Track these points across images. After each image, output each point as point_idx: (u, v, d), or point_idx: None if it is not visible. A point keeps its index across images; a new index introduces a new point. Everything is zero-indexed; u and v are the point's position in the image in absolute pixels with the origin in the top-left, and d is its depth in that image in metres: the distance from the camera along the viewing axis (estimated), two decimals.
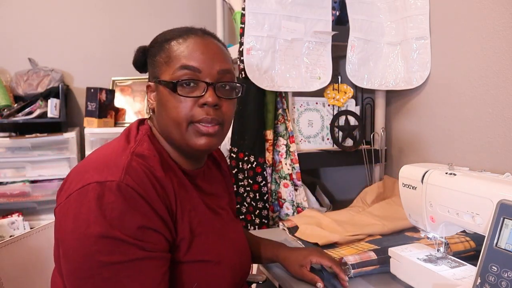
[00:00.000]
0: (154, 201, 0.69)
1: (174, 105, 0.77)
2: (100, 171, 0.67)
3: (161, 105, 0.79)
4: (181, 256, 0.74)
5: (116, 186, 0.65)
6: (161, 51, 0.80)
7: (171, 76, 0.77)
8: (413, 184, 0.89)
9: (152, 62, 0.82)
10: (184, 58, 0.77)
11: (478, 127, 1.26)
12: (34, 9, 2.23)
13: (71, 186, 0.68)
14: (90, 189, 0.65)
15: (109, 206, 0.64)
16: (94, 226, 0.63)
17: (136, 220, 0.66)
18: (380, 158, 1.60)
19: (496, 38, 1.18)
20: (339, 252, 1.07)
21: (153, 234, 0.68)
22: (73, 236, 0.64)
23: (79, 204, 0.65)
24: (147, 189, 0.68)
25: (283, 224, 1.31)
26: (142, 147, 0.75)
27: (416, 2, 1.44)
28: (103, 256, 0.64)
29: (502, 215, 0.66)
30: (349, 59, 1.49)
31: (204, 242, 0.77)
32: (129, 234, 0.65)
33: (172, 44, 0.79)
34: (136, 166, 0.69)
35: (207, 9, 2.33)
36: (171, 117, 0.77)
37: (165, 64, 0.79)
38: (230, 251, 0.84)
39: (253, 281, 1.12)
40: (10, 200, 1.96)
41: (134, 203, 0.66)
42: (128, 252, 0.65)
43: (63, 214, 0.67)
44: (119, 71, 2.28)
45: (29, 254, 0.98)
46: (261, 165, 1.40)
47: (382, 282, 0.92)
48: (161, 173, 0.72)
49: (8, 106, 1.99)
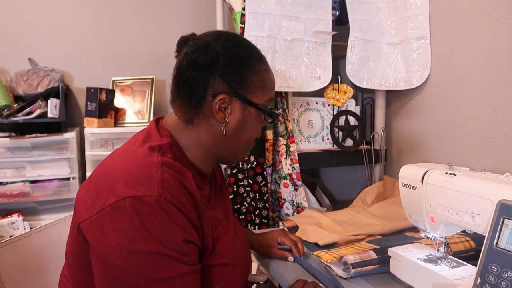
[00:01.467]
0: (189, 212, 0.69)
1: (256, 126, 0.83)
2: (132, 185, 0.65)
3: (244, 124, 0.80)
4: (205, 261, 0.75)
5: (155, 201, 0.64)
6: (252, 72, 0.80)
7: (262, 102, 0.81)
8: (413, 184, 0.89)
9: (236, 76, 0.78)
10: (272, 90, 0.85)
11: (478, 127, 1.26)
12: (34, 9, 2.23)
13: (101, 200, 0.66)
14: (128, 204, 0.63)
15: (152, 222, 0.63)
16: (139, 243, 0.63)
17: (179, 234, 0.66)
18: (380, 158, 1.60)
19: (496, 38, 1.18)
20: (339, 252, 1.07)
21: (192, 247, 0.69)
22: (116, 253, 0.63)
23: (118, 219, 0.63)
24: (182, 201, 0.68)
25: (283, 224, 1.31)
26: (167, 156, 0.74)
27: (416, 2, 1.44)
28: (150, 273, 0.63)
29: (502, 215, 0.66)
30: (349, 59, 1.49)
31: (222, 246, 0.78)
32: (173, 249, 0.65)
33: (263, 70, 0.82)
34: (169, 179, 0.68)
35: (207, 9, 2.33)
36: (250, 136, 0.83)
37: (260, 88, 0.80)
38: (242, 249, 0.86)
39: (253, 281, 1.12)
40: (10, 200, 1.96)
41: (174, 217, 0.66)
42: (173, 268, 0.65)
43: (99, 230, 0.65)
44: (119, 71, 2.27)
45: (29, 254, 0.98)
46: (261, 165, 1.40)
47: (382, 282, 0.92)
48: (189, 182, 0.72)
49: (8, 106, 1.99)
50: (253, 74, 0.79)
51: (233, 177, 1.39)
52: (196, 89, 0.77)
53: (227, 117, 0.78)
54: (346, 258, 0.94)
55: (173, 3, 2.40)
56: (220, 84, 0.77)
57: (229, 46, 0.79)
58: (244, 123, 0.80)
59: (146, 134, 0.79)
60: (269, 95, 0.83)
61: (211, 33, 0.82)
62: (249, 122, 0.81)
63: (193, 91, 0.78)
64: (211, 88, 0.77)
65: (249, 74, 0.79)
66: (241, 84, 0.78)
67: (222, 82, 0.77)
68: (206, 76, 0.77)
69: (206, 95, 0.77)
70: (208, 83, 0.77)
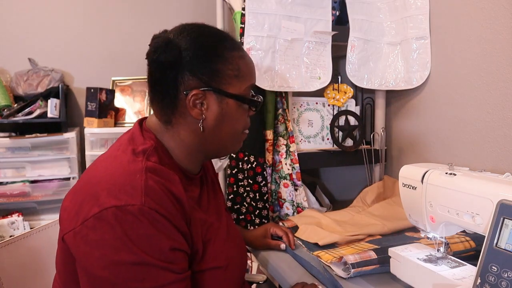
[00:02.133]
0: (176, 219, 0.67)
1: (239, 117, 0.79)
2: (115, 194, 0.63)
3: (224, 117, 0.77)
4: (196, 266, 0.73)
5: (138, 210, 0.62)
6: (224, 61, 0.76)
7: (241, 92, 0.78)
8: (413, 184, 0.89)
9: (206, 69, 0.75)
10: (251, 77, 0.81)
11: (478, 127, 1.26)
12: (34, 9, 2.23)
13: (84, 210, 0.64)
14: (110, 214, 0.62)
15: (135, 232, 0.62)
16: (123, 253, 0.61)
17: (165, 243, 0.64)
18: (380, 158, 1.60)
19: (496, 38, 1.18)
20: (339, 252, 1.07)
21: (180, 254, 0.68)
22: (100, 264, 0.62)
23: (102, 230, 0.62)
24: (168, 208, 0.66)
25: (283, 224, 1.31)
26: (152, 160, 0.71)
27: (416, 2, 1.44)
28: (135, 283, 0.62)
29: (502, 215, 0.66)
30: (349, 59, 1.49)
31: (213, 249, 0.77)
32: (159, 258, 0.63)
33: (236, 57, 0.78)
34: (154, 185, 0.66)
35: (207, 9, 2.33)
36: (234, 128, 0.80)
37: (235, 78, 0.77)
38: (235, 250, 0.84)
39: (253, 281, 1.12)
40: (10, 200, 1.96)
41: (159, 225, 0.64)
42: (159, 277, 0.64)
43: (83, 241, 0.63)
44: (119, 71, 2.28)
45: (29, 254, 0.98)
46: (261, 165, 1.40)
47: (382, 282, 0.91)
48: (175, 186, 0.70)
49: (8, 106, 1.99)
50: (225, 63, 0.75)
51: (233, 177, 1.39)
52: (167, 88, 0.75)
53: (204, 112, 0.75)
54: (346, 258, 0.94)
55: (173, 3, 2.41)
56: (190, 79, 0.74)
57: (194, 38, 0.75)
58: (224, 116, 0.77)
59: (130, 136, 0.77)
60: (247, 82, 0.79)
61: (175, 28, 0.78)
62: (229, 114, 0.77)
63: (165, 91, 0.75)
64: (182, 86, 0.74)
65: (220, 64, 0.75)
66: (212, 76, 0.75)
67: (192, 77, 0.74)
68: (174, 74, 0.74)
69: (179, 93, 0.75)
70: (178, 80, 0.74)
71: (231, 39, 0.80)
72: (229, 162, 1.41)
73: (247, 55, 0.82)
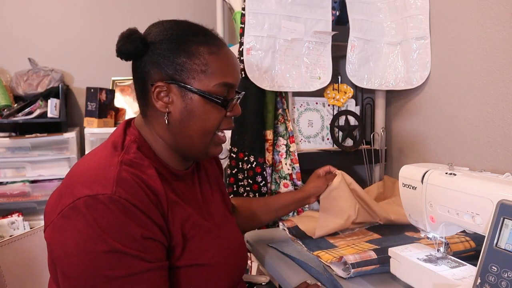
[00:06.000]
0: (149, 209, 0.67)
1: (207, 115, 0.76)
2: (89, 185, 0.65)
3: (189, 112, 0.75)
4: (175, 261, 0.73)
5: (108, 199, 0.63)
6: (190, 55, 0.74)
7: (209, 88, 0.75)
8: (413, 184, 0.89)
9: (170, 61, 0.74)
10: (223, 75, 0.76)
11: (478, 127, 1.26)
12: (34, 9, 2.23)
13: (61, 203, 0.66)
14: (82, 204, 0.63)
15: (106, 220, 0.62)
16: (95, 241, 0.62)
17: (136, 231, 0.65)
18: (380, 158, 1.60)
19: (496, 38, 1.18)
20: (339, 252, 1.07)
21: (153, 244, 0.68)
22: (72, 253, 0.63)
23: (74, 220, 0.63)
24: (140, 198, 0.66)
25: (283, 224, 1.31)
26: (130, 154, 0.73)
27: (416, 2, 1.44)
28: (107, 271, 0.62)
29: (502, 215, 0.66)
30: (349, 59, 1.49)
31: (197, 246, 0.76)
32: (130, 246, 0.64)
33: (206, 52, 0.75)
34: (126, 176, 0.67)
35: (207, 9, 2.33)
36: (202, 127, 0.76)
37: (202, 73, 0.75)
38: (226, 251, 0.83)
39: (255, 282, 1.12)
40: (10, 200, 1.96)
41: (130, 214, 0.64)
42: (131, 265, 0.64)
43: (58, 232, 0.65)
44: (119, 71, 2.28)
45: (29, 254, 0.98)
46: (261, 165, 1.40)
47: (382, 282, 0.91)
48: (152, 179, 0.71)
49: (8, 106, 1.99)
50: (191, 57, 0.74)
51: (233, 177, 1.39)
52: (137, 80, 0.78)
53: (169, 106, 0.75)
54: (346, 258, 0.94)
55: (173, 3, 2.41)
56: (155, 72, 0.75)
57: (163, 30, 0.76)
58: (189, 112, 0.75)
59: (113, 133, 0.79)
60: (217, 80, 0.76)
61: (155, 23, 0.80)
62: (195, 111, 0.75)
63: (136, 82, 0.78)
64: (149, 77, 0.75)
65: (184, 58, 0.74)
66: (177, 69, 0.74)
67: (156, 69, 0.74)
68: (142, 65, 0.76)
69: (146, 84, 0.76)
70: (144, 72, 0.76)
71: (208, 35, 0.78)
72: (229, 162, 1.41)
73: (225, 53, 0.78)
